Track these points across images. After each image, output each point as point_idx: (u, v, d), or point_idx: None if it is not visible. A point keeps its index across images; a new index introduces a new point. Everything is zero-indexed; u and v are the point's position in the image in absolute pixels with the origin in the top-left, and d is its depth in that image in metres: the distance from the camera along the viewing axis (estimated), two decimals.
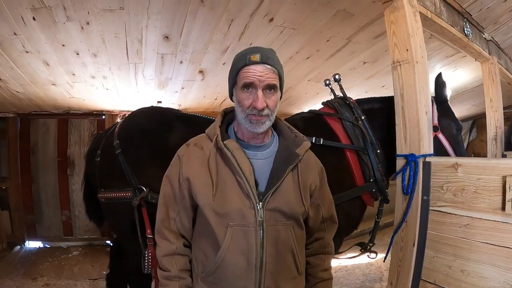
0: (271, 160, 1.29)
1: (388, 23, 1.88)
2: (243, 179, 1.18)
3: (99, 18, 2.57)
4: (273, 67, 1.20)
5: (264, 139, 1.32)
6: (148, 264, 2.12)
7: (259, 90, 1.17)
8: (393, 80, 1.86)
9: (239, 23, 2.78)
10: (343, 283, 3.80)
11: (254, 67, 1.18)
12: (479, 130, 7.03)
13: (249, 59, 1.19)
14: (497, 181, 1.45)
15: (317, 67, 3.83)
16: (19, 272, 4.00)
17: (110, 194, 2.17)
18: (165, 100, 4.65)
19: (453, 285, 1.59)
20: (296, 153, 1.29)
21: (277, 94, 1.24)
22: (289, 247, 1.24)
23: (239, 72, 1.21)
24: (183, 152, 1.32)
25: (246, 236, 1.18)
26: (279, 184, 1.22)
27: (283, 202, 1.22)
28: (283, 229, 1.23)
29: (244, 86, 1.19)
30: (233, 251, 1.18)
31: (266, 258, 1.19)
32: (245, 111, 1.20)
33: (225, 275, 1.19)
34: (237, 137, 1.32)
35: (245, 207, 1.19)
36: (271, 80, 1.19)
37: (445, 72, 4.20)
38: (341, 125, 2.16)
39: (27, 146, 5.04)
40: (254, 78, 1.17)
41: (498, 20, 3.01)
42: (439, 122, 2.16)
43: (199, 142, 1.33)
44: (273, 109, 1.23)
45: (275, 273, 1.22)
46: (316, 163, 1.42)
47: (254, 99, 1.18)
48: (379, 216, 2.22)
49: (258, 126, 1.21)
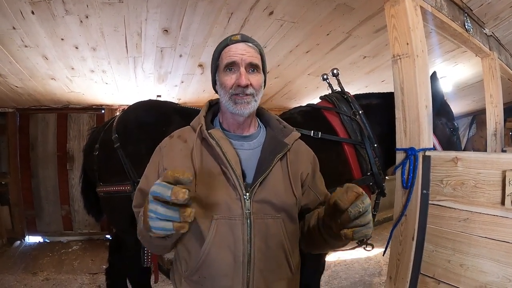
0: (258, 151, 1.24)
1: (389, 17, 1.87)
2: (228, 168, 1.12)
3: (98, 12, 2.55)
4: (254, 45, 1.20)
5: (250, 129, 1.29)
6: (147, 257, 2.13)
7: (242, 67, 1.15)
8: (393, 74, 1.85)
9: (239, 16, 2.77)
10: (342, 277, 3.81)
11: (236, 45, 1.17)
12: (479, 126, 7.03)
13: (230, 39, 1.19)
14: (497, 176, 1.45)
15: (317, 61, 3.81)
16: (19, 267, 4.02)
17: (109, 188, 2.18)
18: (165, 94, 4.65)
19: (452, 279, 1.59)
20: (284, 143, 1.25)
21: (260, 75, 1.21)
22: (279, 243, 1.17)
23: (221, 53, 1.20)
24: (165, 143, 1.28)
25: (232, 230, 1.11)
26: (267, 174, 1.16)
27: (272, 193, 1.17)
28: (272, 223, 1.16)
29: (227, 66, 1.17)
30: (218, 246, 1.11)
31: (254, 254, 1.12)
32: (228, 91, 1.17)
33: (210, 272, 1.12)
34: (223, 127, 1.28)
35: (231, 198, 1.12)
36: (253, 59, 1.17)
37: (446, 67, 4.23)
38: (339, 119, 2.18)
39: (27, 141, 5.06)
40: (236, 57, 1.15)
41: (499, 15, 2.99)
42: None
43: (183, 135, 1.28)
44: (258, 89, 1.20)
45: (265, 271, 1.14)
46: (308, 152, 1.38)
47: (237, 77, 1.15)
48: (376, 209, 2.26)
49: (243, 107, 1.16)
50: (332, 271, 3.96)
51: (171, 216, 0.86)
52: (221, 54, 1.20)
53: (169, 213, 0.85)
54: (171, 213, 0.85)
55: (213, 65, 1.25)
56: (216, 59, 1.23)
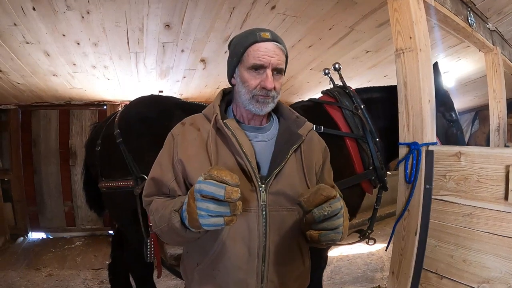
0: (272, 143, 1.22)
1: (392, 11, 1.86)
2: (244, 160, 1.11)
3: (100, 7, 2.54)
4: (282, 46, 1.16)
5: (263, 121, 1.27)
6: (150, 252, 2.12)
7: (269, 69, 1.12)
8: (396, 68, 1.84)
9: (241, 10, 2.76)
10: (344, 272, 3.81)
11: (265, 44, 1.13)
12: (481, 121, 7.00)
13: (259, 36, 1.13)
14: (501, 171, 1.44)
15: (320, 55, 3.81)
16: (23, 263, 4.04)
17: (111, 183, 2.17)
18: (167, 90, 4.65)
19: (455, 274, 1.59)
20: (298, 134, 1.23)
21: (282, 77, 1.20)
22: (294, 236, 1.15)
23: (248, 49, 1.14)
24: (178, 131, 1.24)
25: (248, 222, 1.10)
26: (282, 166, 1.14)
27: (287, 185, 1.15)
28: (288, 216, 1.15)
29: (254, 67, 1.13)
30: (233, 238, 1.10)
31: (269, 247, 1.11)
32: (251, 91, 1.14)
33: (225, 265, 1.11)
34: (236, 119, 1.25)
35: (247, 189, 1.10)
36: (280, 63, 1.14)
37: (448, 63, 4.20)
38: (341, 114, 2.19)
39: (29, 137, 5.06)
40: (265, 59, 1.11)
41: (502, 10, 2.97)
42: None
43: (195, 123, 1.25)
44: (279, 92, 1.18)
45: (279, 265, 1.14)
46: (320, 142, 1.36)
47: (262, 79, 1.12)
48: (378, 204, 2.28)
49: (264, 107, 1.15)
50: (334, 266, 3.96)
51: (222, 212, 0.88)
52: (248, 50, 1.14)
53: (221, 209, 0.87)
54: (223, 209, 0.87)
55: (235, 58, 1.19)
56: (240, 53, 1.16)
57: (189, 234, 1.02)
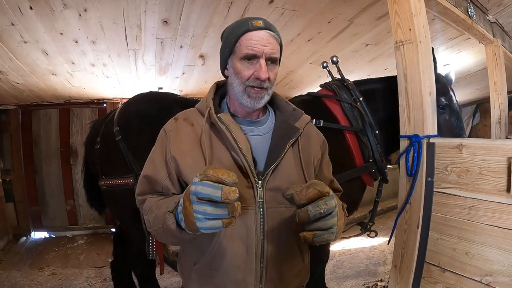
0: (268, 137, 1.18)
1: (391, 3, 1.83)
2: (240, 155, 1.07)
3: (97, 5, 2.52)
4: (276, 34, 1.11)
5: (259, 115, 1.22)
6: (152, 250, 2.13)
7: (262, 59, 1.07)
8: (396, 60, 1.82)
9: (239, 5, 2.73)
10: (346, 266, 3.82)
11: (258, 33, 1.07)
12: (482, 114, 6.97)
13: (251, 24, 1.08)
14: (502, 162, 1.42)
15: (319, 49, 3.78)
16: (26, 262, 4.05)
17: (111, 181, 2.17)
18: (166, 86, 4.64)
19: (458, 267, 1.58)
20: (295, 127, 1.19)
21: (277, 67, 1.14)
22: (293, 233, 1.05)
23: (240, 38, 1.09)
24: (171, 127, 1.20)
25: (245, 220, 1.05)
26: (279, 161, 1.10)
27: (285, 180, 1.09)
28: (286, 212, 1.09)
29: (246, 57, 1.08)
30: (230, 237, 1.06)
31: (267, 245, 1.07)
32: (244, 83, 1.09)
33: (222, 265, 1.08)
34: (230, 112, 1.20)
35: (243, 186, 1.05)
36: (274, 52, 1.09)
37: (449, 55, 4.17)
38: (339, 107, 2.18)
39: (30, 137, 5.08)
40: (258, 49, 1.06)
41: (502, 2, 2.95)
42: None
43: (188, 117, 1.20)
44: (273, 82, 1.13)
45: (278, 263, 1.11)
46: (318, 135, 1.32)
47: (256, 69, 1.07)
48: (379, 196, 2.28)
49: (257, 101, 1.11)
50: (336, 260, 3.97)
51: (220, 215, 0.83)
52: (240, 40, 1.09)
53: (218, 211, 0.83)
54: (220, 211, 0.83)
55: (227, 49, 1.14)
56: (232, 43, 1.11)
57: (185, 235, 0.98)
